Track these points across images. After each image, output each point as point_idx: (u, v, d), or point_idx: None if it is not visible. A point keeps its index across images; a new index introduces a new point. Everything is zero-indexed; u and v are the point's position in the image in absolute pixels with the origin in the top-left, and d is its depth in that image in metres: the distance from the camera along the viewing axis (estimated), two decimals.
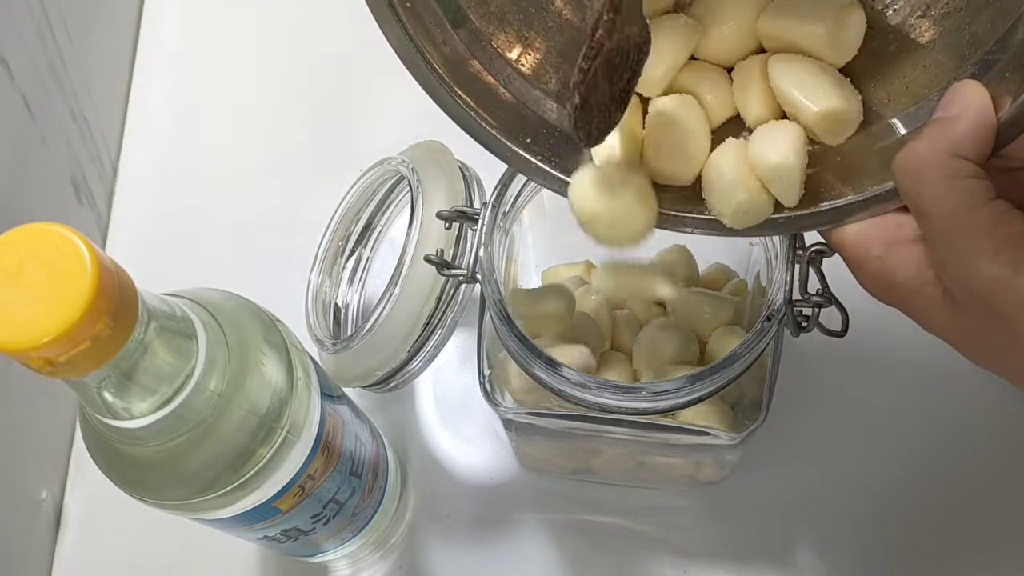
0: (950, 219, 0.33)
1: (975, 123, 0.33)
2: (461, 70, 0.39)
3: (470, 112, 0.39)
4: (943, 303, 0.34)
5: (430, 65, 0.38)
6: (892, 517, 0.55)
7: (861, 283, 0.37)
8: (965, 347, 0.35)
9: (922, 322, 0.36)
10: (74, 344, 0.30)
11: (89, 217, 0.63)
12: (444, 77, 0.38)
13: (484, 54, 0.39)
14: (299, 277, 0.55)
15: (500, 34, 0.40)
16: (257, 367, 0.39)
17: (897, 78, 0.38)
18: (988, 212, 0.32)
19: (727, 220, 0.38)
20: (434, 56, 0.38)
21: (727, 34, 0.39)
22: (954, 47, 0.36)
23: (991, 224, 0.32)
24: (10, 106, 0.55)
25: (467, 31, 0.39)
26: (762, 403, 0.45)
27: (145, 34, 0.70)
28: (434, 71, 0.38)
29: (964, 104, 0.33)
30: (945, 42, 0.36)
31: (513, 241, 0.47)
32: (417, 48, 0.38)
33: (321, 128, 0.66)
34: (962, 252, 0.32)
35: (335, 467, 0.45)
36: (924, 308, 0.35)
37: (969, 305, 0.33)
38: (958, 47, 0.36)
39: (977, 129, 0.33)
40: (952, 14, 0.36)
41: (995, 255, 0.32)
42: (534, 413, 0.46)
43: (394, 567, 0.56)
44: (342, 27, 0.66)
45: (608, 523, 0.56)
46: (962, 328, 0.34)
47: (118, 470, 0.39)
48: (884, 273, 0.36)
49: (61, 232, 0.30)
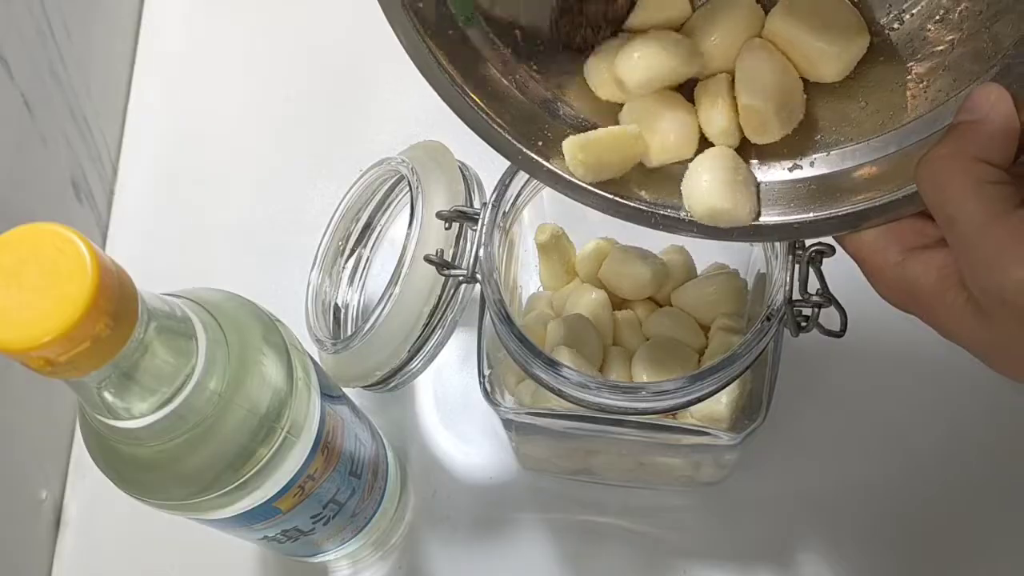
0: (979, 226, 0.32)
1: (999, 127, 0.32)
2: (473, 72, 0.39)
3: (482, 115, 0.39)
4: (967, 311, 0.33)
5: (442, 67, 0.38)
6: (892, 517, 0.55)
7: (879, 291, 0.36)
8: (992, 356, 0.34)
9: (944, 331, 0.35)
10: (74, 344, 0.30)
11: (89, 217, 0.63)
12: (456, 79, 0.38)
13: (497, 56, 0.39)
14: (299, 277, 0.55)
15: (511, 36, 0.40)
16: (257, 367, 0.39)
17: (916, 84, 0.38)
18: (1017, 218, 0.31)
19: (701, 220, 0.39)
20: (446, 58, 0.38)
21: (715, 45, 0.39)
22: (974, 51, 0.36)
23: (1021, 231, 0.31)
24: (10, 106, 0.55)
25: (480, 33, 0.39)
26: (762, 403, 0.45)
27: (145, 34, 0.70)
28: (446, 73, 0.38)
29: (987, 108, 0.33)
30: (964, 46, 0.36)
31: (513, 241, 0.47)
32: (430, 50, 0.37)
33: (321, 128, 0.66)
34: (992, 260, 0.31)
35: (335, 467, 0.45)
36: (947, 316, 0.34)
37: (998, 314, 0.32)
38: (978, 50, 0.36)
39: (1001, 133, 0.32)
40: (971, 17, 0.36)
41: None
42: (534, 413, 0.46)
43: (394, 567, 0.56)
44: (343, 27, 0.66)
45: (608, 523, 0.56)
46: (989, 337, 0.33)
47: (118, 470, 0.39)
48: (903, 280, 0.35)
49: (61, 232, 0.30)
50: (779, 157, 0.39)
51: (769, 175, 0.40)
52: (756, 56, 0.39)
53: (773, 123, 0.39)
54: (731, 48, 0.39)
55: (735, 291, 0.50)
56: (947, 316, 0.34)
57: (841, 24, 0.38)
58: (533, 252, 0.52)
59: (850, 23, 0.38)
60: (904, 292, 0.35)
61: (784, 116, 0.39)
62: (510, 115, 0.39)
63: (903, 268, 0.35)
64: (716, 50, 0.39)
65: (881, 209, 0.36)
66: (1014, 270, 0.31)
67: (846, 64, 0.38)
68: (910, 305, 0.35)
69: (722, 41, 0.39)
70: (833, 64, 0.38)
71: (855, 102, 0.39)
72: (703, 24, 0.40)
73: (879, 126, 0.38)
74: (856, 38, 0.38)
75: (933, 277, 0.34)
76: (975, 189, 0.32)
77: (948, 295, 0.34)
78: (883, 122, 0.38)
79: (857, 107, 0.39)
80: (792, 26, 0.38)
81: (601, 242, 0.51)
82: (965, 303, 0.33)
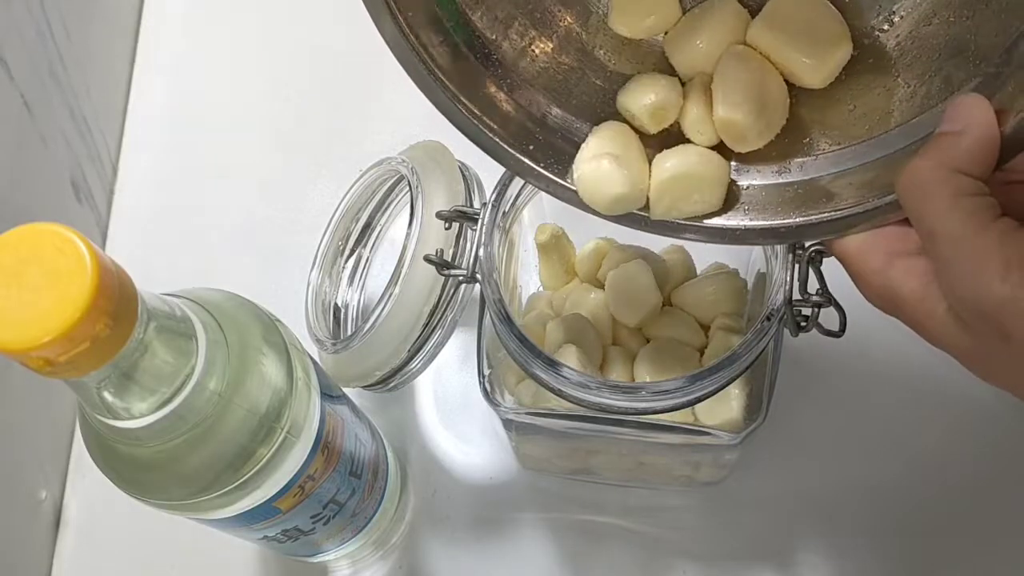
0: (957, 240, 0.32)
1: (979, 139, 0.32)
2: (463, 76, 0.39)
3: (472, 118, 0.39)
4: (949, 319, 0.33)
5: (431, 71, 0.38)
6: (892, 517, 0.55)
7: (864, 295, 0.36)
8: (972, 363, 0.34)
9: (927, 336, 0.35)
10: (74, 344, 0.30)
11: (89, 217, 0.63)
12: (446, 83, 0.38)
13: (488, 60, 0.39)
14: (299, 277, 0.55)
15: (504, 40, 0.40)
16: (257, 367, 0.39)
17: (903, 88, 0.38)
18: (996, 231, 0.31)
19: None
20: (435, 61, 0.38)
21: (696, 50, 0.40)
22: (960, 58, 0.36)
23: (999, 244, 0.31)
24: (9, 106, 0.55)
25: (469, 35, 0.39)
26: (762, 403, 0.45)
27: (145, 34, 0.70)
28: (436, 77, 0.38)
29: (968, 119, 0.33)
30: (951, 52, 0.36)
31: (513, 241, 0.47)
32: (417, 53, 0.37)
33: (321, 128, 0.66)
34: (970, 273, 0.31)
35: (335, 467, 0.45)
36: (928, 323, 0.34)
37: (978, 326, 0.32)
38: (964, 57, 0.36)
39: (981, 145, 0.32)
40: (959, 23, 0.36)
41: (1005, 276, 0.31)
42: (534, 413, 0.46)
43: (394, 567, 0.56)
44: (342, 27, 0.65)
45: (608, 523, 0.56)
46: (969, 346, 0.33)
47: (118, 470, 0.39)
48: (887, 286, 0.35)
49: (61, 232, 0.30)
50: (766, 160, 0.39)
51: (755, 178, 0.40)
52: (734, 66, 0.39)
53: (751, 135, 0.39)
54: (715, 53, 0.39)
55: (735, 291, 0.50)
56: (929, 323, 0.34)
57: (822, 32, 0.38)
58: (533, 252, 0.52)
59: (832, 31, 0.38)
60: (887, 298, 0.35)
61: (762, 126, 0.39)
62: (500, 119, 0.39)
63: (886, 274, 0.35)
64: (700, 54, 0.39)
65: (866, 215, 0.36)
66: (991, 284, 0.31)
67: (828, 74, 0.39)
68: (894, 310, 0.35)
69: (707, 46, 0.39)
70: (814, 74, 0.38)
71: (844, 105, 0.39)
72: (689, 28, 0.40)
73: (866, 131, 0.38)
74: (837, 47, 0.38)
75: (915, 284, 0.34)
76: (954, 202, 0.32)
77: (929, 303, 0.34)
78: (870, 127, 0.38)
79: (845, 110, 0.39)
80: (772, 37, 0.38)
81: (601, 242, 0.51)
82: (946, 312, 0.33)
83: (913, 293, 0.34)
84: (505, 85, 0.40)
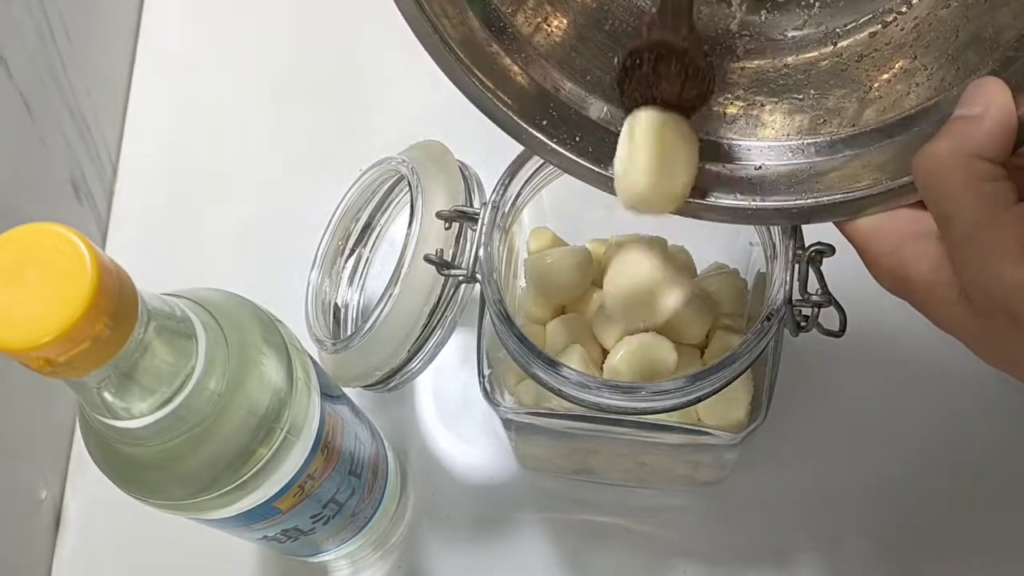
0: (974, 225, 0.32)
1: (998, 122, 0.32)
2: (478, 50, 0.39)
3: (486, 91, 0.39)
4: (959, 303, 0.33)
5: (447, 45, 0.38)
6: (892, 517, 0.55)
7: (875, 276, 0.36)
8: (980, 348, 0.34)
9: (935, 320, 0.35)
10: (74, 344, 0.30)
11: (89, 217, 0.63)
12: (461, 57, 0.38)
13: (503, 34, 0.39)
14: (299, 277, 0.55)
15: (519, 14, 0.40)
16: (257, 367, 0.39)
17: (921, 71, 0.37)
18: (1013, 216, 0.31)
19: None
20: (451, 35, 0.38)
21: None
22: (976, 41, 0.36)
23: (1016, 229, 0.31)
24: (9, 106, 0.55)
25: (485, 9, 0.39)
26: (762, 403, 0.45)
27: (145, 34, 0.70)
28: (451, 51, 0.38)
29: (987, 102, 0.33)
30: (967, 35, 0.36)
31: (513, 241, 0.47)
32: (434, 27, 0.37)
33: (321, 128, 0.66)
34: (985, 257, 0.31)
35: (335, 467, 0.45)
36: (938, 307, 0.34)
37: (989, 310, 0.32)
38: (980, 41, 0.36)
39: (1000, 129, 0.32)
40: (976, 5, 0.36)
41: (1019, 260, 0.31)
42: (534, 413, 0.46)
43: (394, 567, 0.56)
44: (342, 27, 0.66)
45: (608, 523, 0.56)
46: (979, 330, 0.33)
47: (117, 470, 0.39)
48: (898, 268, 0.35)
49: (61, 232, 0.30)
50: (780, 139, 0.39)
51: (769, 158, 0.40)
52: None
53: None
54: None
55: (735, 291, 0.50)
56: (939, 307, 0.34)
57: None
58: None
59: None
60: (898, 280, 0.35)
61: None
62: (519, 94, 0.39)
63: (898, 257, 0.35)
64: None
65: (880, 197, 0.36)
66: (1006, 270, 0.31)
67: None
68: (904, 293, 0.35)
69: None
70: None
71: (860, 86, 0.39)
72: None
73: (880, 113, 0.38)
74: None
75: (926, 267, 0.34)
76: (971, 187, 0.32)
77: (940, 288, 0.34)
78: (886, 108, 0.38)
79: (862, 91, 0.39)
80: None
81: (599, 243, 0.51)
82: (956, 296, 0.33)
83: (923, 276, 0.34)
84: (520, 59, 0.40)
